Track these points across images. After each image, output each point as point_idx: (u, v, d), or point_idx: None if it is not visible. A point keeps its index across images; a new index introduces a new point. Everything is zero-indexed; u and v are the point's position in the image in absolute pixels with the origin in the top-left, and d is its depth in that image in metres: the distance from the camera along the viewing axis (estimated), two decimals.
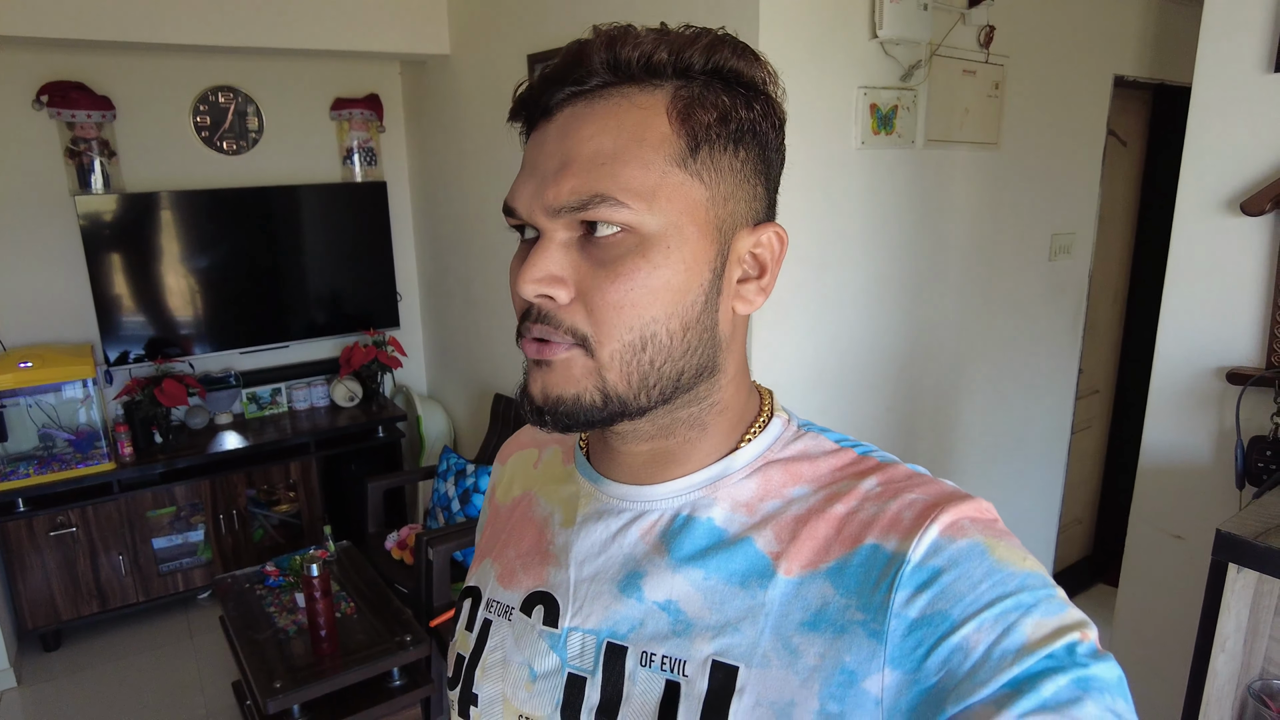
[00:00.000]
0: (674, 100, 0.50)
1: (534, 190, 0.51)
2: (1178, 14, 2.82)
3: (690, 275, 0.50)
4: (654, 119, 0.50)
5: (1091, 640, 0.44)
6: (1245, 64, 1.31)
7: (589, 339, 0.50)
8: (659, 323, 0.50)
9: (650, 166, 0.49)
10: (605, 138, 0.49)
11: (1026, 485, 2.86)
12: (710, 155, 0.51)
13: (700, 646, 0.51)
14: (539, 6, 2.53)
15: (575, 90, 0.51)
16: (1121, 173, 3.09)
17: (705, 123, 0.50)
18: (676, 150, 0.50)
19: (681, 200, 0.50)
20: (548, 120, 0.52)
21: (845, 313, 2.13)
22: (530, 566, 0.62)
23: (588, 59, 0.50)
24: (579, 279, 0.50)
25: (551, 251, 0.50)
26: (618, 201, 0.48)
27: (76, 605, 2.97)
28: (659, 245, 0.49)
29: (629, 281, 0.49)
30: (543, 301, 0.50)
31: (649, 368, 0.51)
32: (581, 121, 0.50)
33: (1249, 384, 1.35)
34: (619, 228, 0.49)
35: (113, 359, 3.09)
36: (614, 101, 0.50)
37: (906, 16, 1.98)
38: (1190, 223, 1.41)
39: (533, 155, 0.52)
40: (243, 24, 2.76)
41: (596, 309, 0.49)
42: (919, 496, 0.51)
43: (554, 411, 0.51)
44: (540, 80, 0.52)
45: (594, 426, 0.52)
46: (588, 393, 0.51)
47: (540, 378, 0.52)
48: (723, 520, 0.55)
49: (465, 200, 3.23)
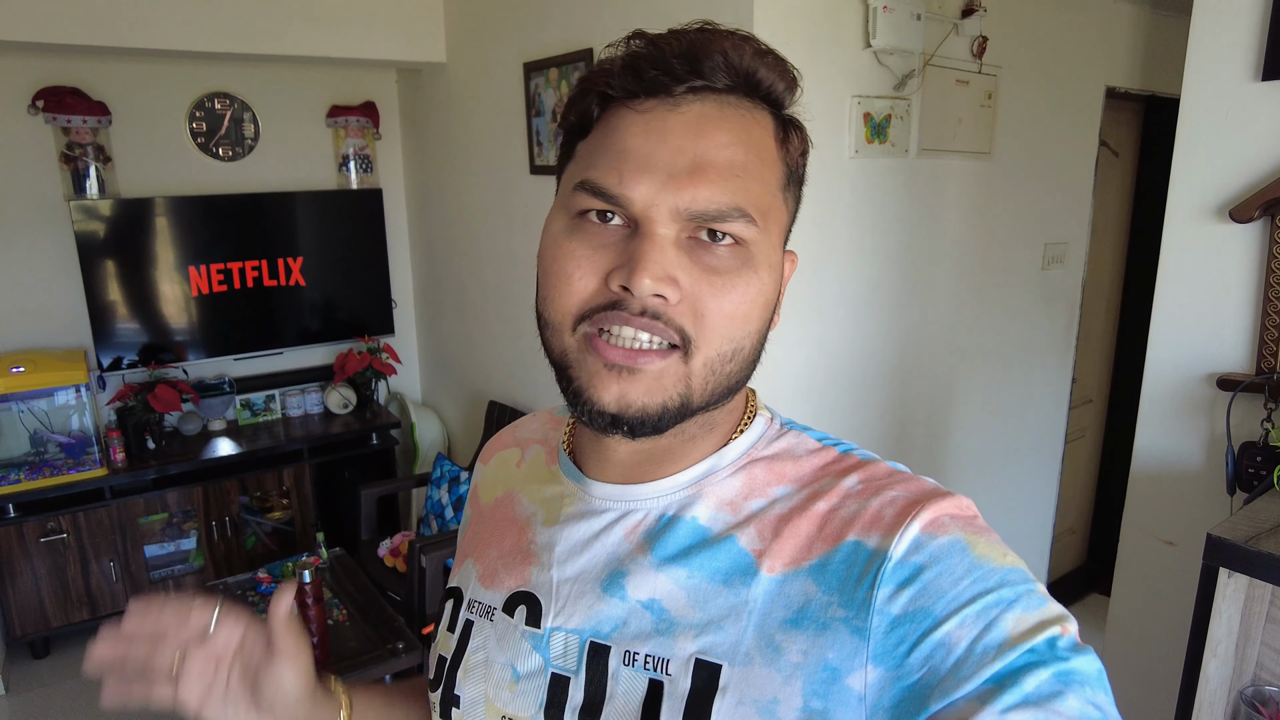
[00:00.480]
0: (777, 127, 0.53)
1: (659, 185, 0.48)
2: (1168, 26, 2.85)
3: (774, 294, 0.54)
4: (769, 140, 0.52)
5: (1072, 634, 0.45)
6: (1233, 73, 1.32)
7: (692, 342, 0.50)
8: (750, 336, 0.52)
9: (767, 186, 0.51)
10: (739, 149, 0.50)
11: (1020, 494, 2.86)
12: (793, 185, 0.55)
13: (683, 645, 0.51)
14: (534, 15, 2.54)
15: (707, 85, 0.50)
16: (1114, 183, 3.11)
17: (795, 154, 0.54)
18: (780, 175, 0.53)
19: (779, 223, 0.53)
20: (671, 109, 0.50)
21: (838, 321, 2.14)
22: (512, 567, 0.62)
23: (722, 56, 0.49)
24: (688, 282, 0.49)
25: (668, 251, 0.49)
26: (751, 218, 0.49)
27: (66, 612, 2.95)
28: (764, 263, 0.51)
29: (744, 294, 0.50)
30: (657, 301, 0.49)
31: (724, 377, 0.52)
32: (714, 125, 0.49)
33: (1239, 390, 1.36)
34: (734, 240, 0.50)
35: (106, 364, 3.08)
36: (742, 111, 0.51)
37: (899, 27, 2.00)
38: (1180, 230, 1.42)
39: (650, 144, 0.49)
40: (239, 31, 2.77)
41: (708, 315, 0.49)
42: (900, 494, 0.51)
43: (634, 421, 0.50)
44: (660, 55, 0.50)
45: (659, 433, 0.52)
46: (672, 400, 0.51)
47: (619, 384, 0.50)
48: (707, 519, 0.55)
49: (460, 208, 3.24)
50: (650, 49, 0.50)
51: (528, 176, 2.72)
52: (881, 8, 1.96)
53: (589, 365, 0.51)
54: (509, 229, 2.90)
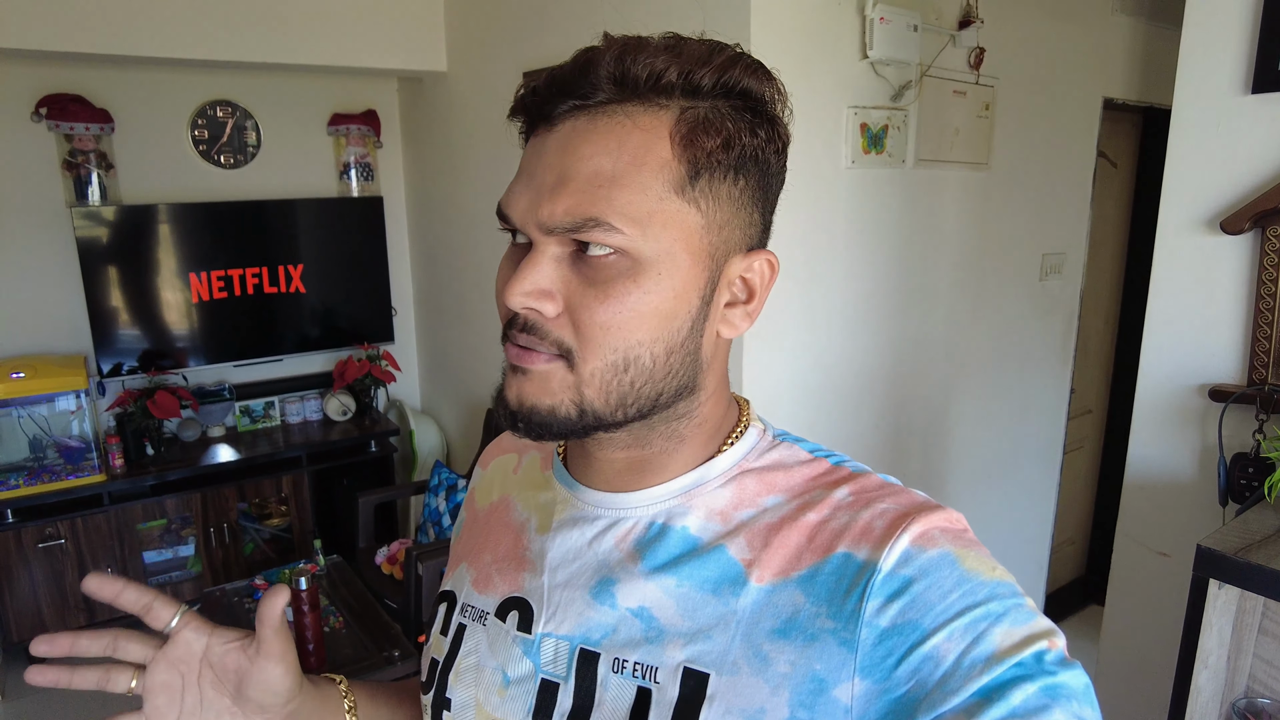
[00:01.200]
0: (678, 124, 0.49)
1: (529, 202, 0.51)
2: (1165, 38, 2.86)
3: (679, 302, 0.50)
4: (656, 142, 0.49)
5: (1059, 648, 0.45)
6: (1223, 85, 1.33)
7: (573, 353, 0.50)
8: (643, 346, 0.50)
9: (647, 192, 0.49)
10: (605, 159, 0.49)
11: (1018, 506, 2.86)
12: (709, 183, 0.50)
13: (672, 653, 0.52)
14: (535, 24, 2.56)
15: (579, 103, 0.50)
16: (1112, 194, 3.11)
17: (707, 149, 0.49)
18: (676, 176, 0.49)
19: (676, 227, 0.49)
20: (549, 129, 0.51)
21: (835, 331, 2.14)
22: (505, 572, 0.62)
23: (594, 71, 0.49)
24: (568, 294, 0.50)
25: (542, 265, 0.50)
26: (611, 226, 0.48)
27: (63, 618, 2.95)
28: (650, 270, 0.49)
29: (619, 303, 0.49)
30: (529, 313, 0.50)
31: (629, 388, 0.51)
32: (582, 138, 0.49)
33: (1231, 401, 1.36)
34: (611, 249, 0.49)
35: (106, 370, 3.09)
36: (617, 120, 0.49)
37: (896, 38, 2.01)
38: (1172, 241, 1.42)
39: (530, 163, 0.52)
40: (242, 39, 2.78)
41: (584, 326, 0.49)
42: (890, 506, 0.51)
43: (528, 420, 0.52)
44: (545, 85, 0.51)
45: (568, 437, 0.53)
46: (563, 405, 0.51)
47: (517, 384, 0.52)
48: (697, 529, 0.55)
49: (461, 216, 3.25)
50: (544, 80, 0.52)
51: None
52: (878, 19, 1.97)
53: (505, 368, 0.54)
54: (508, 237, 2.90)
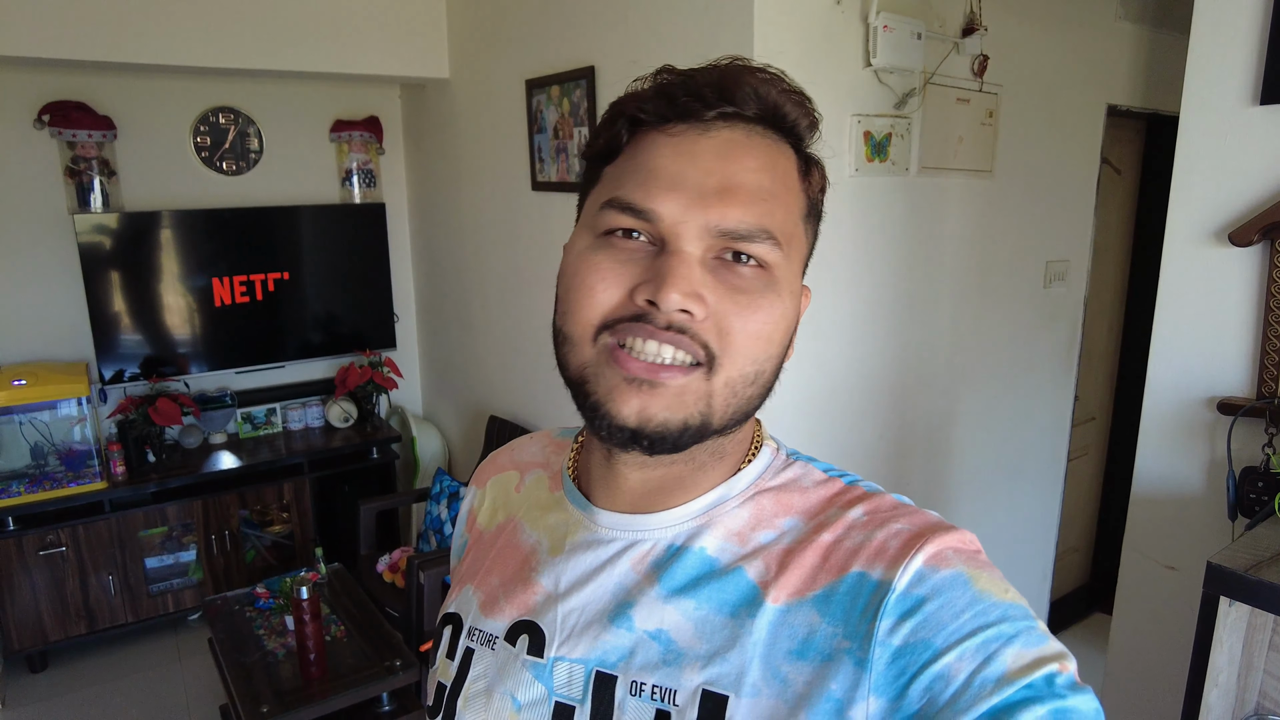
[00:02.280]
0: (799, 161, 0.55)
1: (687, 203, 0.50)
2: (1169, 45, 2.85)
3: (794, 322, 0.55)
4: (793, 171, 0.54)
5: (1070, 672, 0.45)
6: (1231, 96, 1.32)
7: (716, 359, 0.50)
8: (772, 360, 0.53)
9: (792, 214, 0.53)
10: (765, 175, 0.51)
11: (1022, 513, 2.84)
12: (812, 218, 0.57)
13: (690, 676, 0.51)
14: (537, 32, 2.55)
15: (736, 112, 0.52)
16: (1116, 201, 3.10)
17: (815, 189, 0.56)
18: (803, 206, 0.55)
19: (800, 252, 0.55)
20: (701, 133, 0.51)
21: (839, 339, 2.13)
22: (514, 595, 0.61)
23: (752, 88, 0.52)
24: (714, 300, 0.50)
25: (695, 268, 0.50)
26: (776, 241, 0.51)
27: (64, 626, 2.94)
28: (785, 288, 0.52)
29: (768, 315, 0.51)
30: (679, 315, 0.49)
31: (745, 400, 0.52)
32: (743, 150, 0.51)
33: (1240, 414, 1.35)
34: (759, 263, 0.51)
35: (108, 377, 3.08)
36: (769, 141, 0.53)
37: (900, 46, 2.00)
38: (1179, 253, 1.41)
39: (680, 165, 0.51)
40: (244, 46, 2.78)
41: (733, 334, 0.50)
42: (904, 526, 0.51)
43: (655, 436, 0.50)
44: (693, 83, 0.52)
45: (678, 450, 0.52)
46: (694, 418, 0.51)
47: (639, 398, 0.49)
48: (715, 550, 0.55)
49: (462, 223, 3.24)
50: (681, 79, 0.53)
51: (529, 193, 2.73)
52: (882, 27, 1.96)
53: (608, 378, 0.50)
54: (510, 244, 2.90)
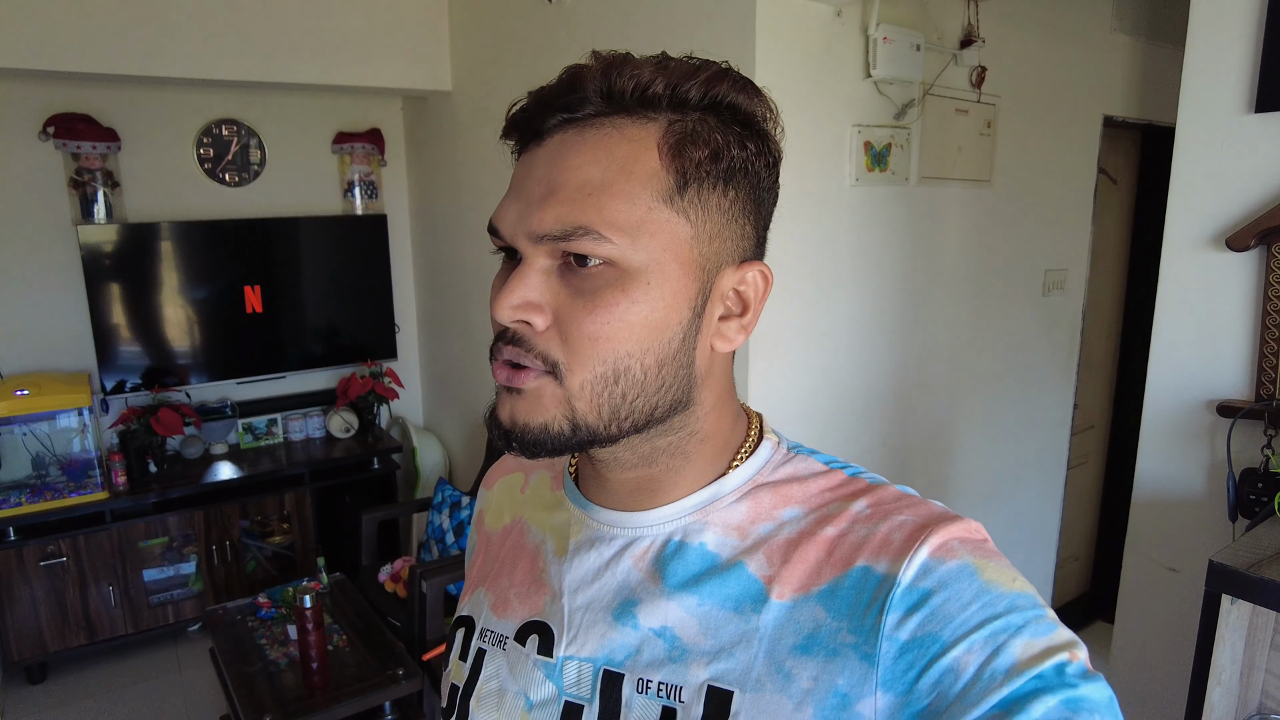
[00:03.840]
0: (666, 135, 0.50)
1: (518, 214, 0.51)
2: (1164, 57, 2.89)
3: (669, 312, 0.50)
4: (644, 153, 0.49)
5: (1081, 660, 0.44)
6: (1226, 105, 1.34)
7: (560, 366, 0.50)
8: (633, 357, 0.50)
9: (636, 201, 0.49)
10: (593, 168, 0.49)
11: (1023, 521, 2.85)
12: (698, 193, 0.50)
13: (696, 672, 0.51)
14: (540, 45, 2.58)
15: (567, 117, 0.51)
16: (1113, 210, 3.13)
17: (696, 160, 0.50)
18: (664, 186, 0.49)
19: (665, 237, 0.49)
20: (538, 144, 0.52)
21: (839, 347, 2.14)
22: (524, 596, 0.62)
23: (582, 85, 0.50)
24: (557, 306, 0.50)
25: (531, 277, 0.50)
26: (600, 235, 0.48)
27: (64, 637, 2.93)
28: (639, 281, 0.49)
29: (607, 314, 0.49)
30: (518, 326, 0.50)
31: (620, 400, 0.51)
32: (571, 149, 0.50)
33: (1239, 416, 1.37)
34: (600, 260, 0.49)
35: (109, 388, 3.09)
36: (605, 132, 0.50)
37: (899, 57, 2.03)
38: (1178, 259, 1.43)
39: (520, 178, 0.52)
40: (247, 59, 2.81)
41: (571, 338, 0.49)
42: (908, 518, 0.51)
43: (521, 438, 0.51)
44: (533, 102, 0.52)
45: (563, 453, 0.52)
46: (556, 421, 0.51)
47: (509, 404, 0.52)
48: (715, 545, 0.55)
49: (464, 234, 3.26)
50: (533, 97, 0.53)
51: None
52: (882, 39, 1.99)
53: (497, 388, 0.53)
54: None
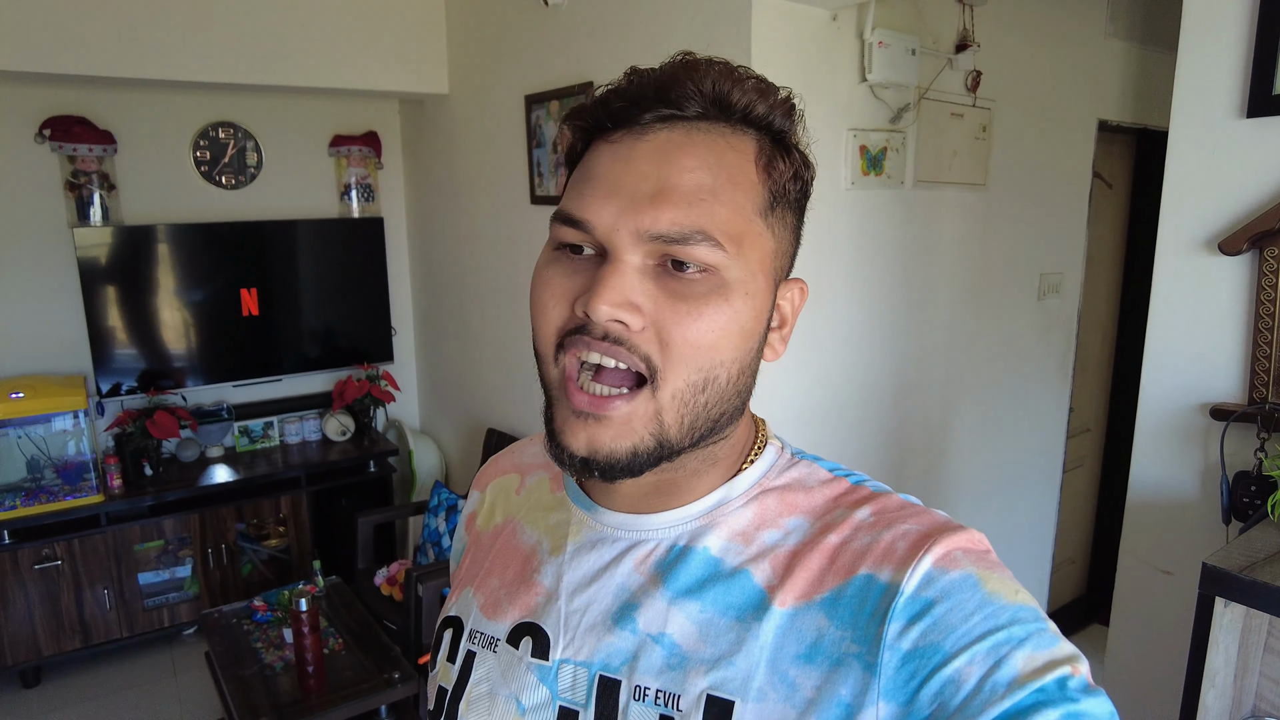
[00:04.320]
0: (760, 151, 0.52)
1: (620, 210, 0.49)
2: (1158, 62, 2.90)
3: (756, 323, 0.52)
4: (746, 164, 0.51)
5: (1083, 674, 0.44)
6: (1219, 110, 1.35)
7: (658, 372, 0.49)
8: (724, 365, 0.50)
9: (741, 211, 0.50)
10: (705, 173, 0.49)
11: (1019, 524, 2.86)
12: (780, 211, 0.53)
13: (695, 680, 0.51)
14: (537, 48, 2.58)
15: (675, 114, 0.50)
16: (1108, 214, 3.14)
17: (783, 179, 0.52)
18: (761, 200, 0.51)
19: (759, 250, 0.51)
20: (638, 138, 0.50)
21: (836, 350, 2.15)
22: (516, 597, 0.61)
23: (695, 84, 0.50)
24: (654, 309, 0.49)
25: (629, 276, 0.49)
26: (716, 242, 0.48)
27: (58, 641, 2.92)
28: (739, 290, 0.50)
29: (711, 321, 0.49)
30: (614, 325, 0.49)
31: (702, 409, 0.51)
32: (681, 150, 0.49)
33: (1232, 419, 1.37)
34: (703, 266, 0.49)
35: (105, 390, 3.08)
36: (713, 138, 0.50)
37: (895, 61, 2.04)
38: (1171, 262, 1.44)
39: (616, 171, 0.50)
40: (245, 62, 2.81)
41: (674, 343, 0.49)
42: (912, 527, 0.51)
43: (605, 465, 0.50)
44: (633, 88, 0.51)
45: (634, 475, 0.51)
46: (644, 442, 0.50)
47: (587, 431, 0.50)
48: (719, 550, 0.55)
49: (461, 237, 3.26)
50: (626, 83, 0.52)
51: (528, 206, 2.75)
52: (877, 43, 2.00)
53: (563, 410, 0.51)
54: (509, 258, 2.92)
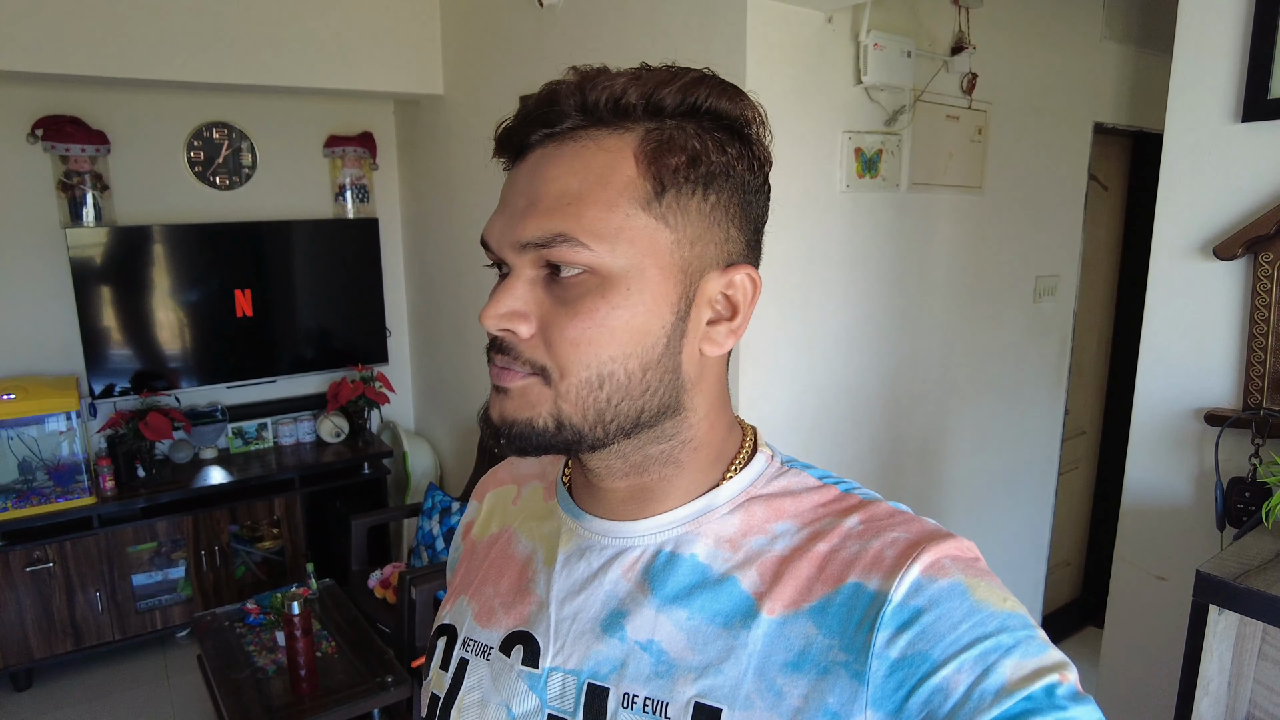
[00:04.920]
0: (642, 143, 0.51)
1: (503, 226, 0.53)
2: (1154, 65, 2.90)
3: (650, 317, 0.51)
4: (620, 162, 0.50)
5: (1071, 682, 0.44)
6: (1214, 114, 1.34)
7: (548, 370, 0.51)
8: (616, 362, 0.51)
9: (614, 209, 0.50)
10: (571, 179, 0.51)
11: (1014, 527, 2.85)
12: (677, 199, 0.51)
13: (683, 688, 0.51)
14: (531, 49, 2.58)
15: (547, 131, 0.53)
16: (1103, 216, 3.14)
17: (672, 166, 0.50)
18: (641, 193, 0.50)
19: (644, 243, 0.50)
20: (521, 160, 0.54)
21: (830, 354, 2.14)
22: (510, 605, 0.61)
23: (559, 101, 0.52)
24: (542, 315, 0.51)
25: (516, 287, 0.52)
26: (579, 242, 0.49)
27: (50, 643, 2.91)
28: (619, 286, 0.50)
29: (587, 320, 0.50)
30: (505, 335, 0.52)
31: (605, 404, 0.51)
32: (549, 162, 0.52)
33: (1227, 425, 1.37)
34: (581, 268, 0.50)
35: (98, 391, 3.07)
36: (582, 144, 0.52)
37: (890, 63, 2.03)
38: (1166, 267, 1.43)
39: (506, 192, 0.54)
40: (239, 62, 2.80)
41: (555, 344, 0.51)
42: (901, 535, 0.51)
43: (509, 434, 0.53)
44: (517, 120, 0.55)
45: (549, 451, 0.53)
46: (541, 418, 0.52)
47: (499, 403, 0.53)
48: (706, 557, 0.55)
49: (456, 238, 3.25)
50: (516, 115, 0.55)
51: None
52: (873, 45, 1.99)
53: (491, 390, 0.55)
54: None
